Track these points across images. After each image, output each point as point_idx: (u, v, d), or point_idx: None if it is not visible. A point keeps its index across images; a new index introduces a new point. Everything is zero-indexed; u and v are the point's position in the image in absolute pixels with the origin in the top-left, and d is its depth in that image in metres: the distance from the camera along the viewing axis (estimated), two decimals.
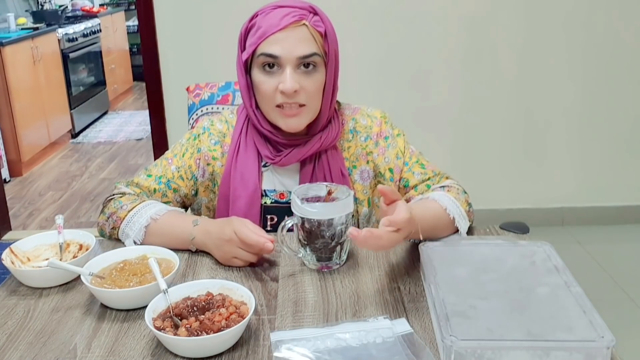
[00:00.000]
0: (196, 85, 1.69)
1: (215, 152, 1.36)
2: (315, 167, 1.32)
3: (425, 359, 0.87)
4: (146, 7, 2.88)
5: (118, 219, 1.24)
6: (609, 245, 2.99)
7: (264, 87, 1.23)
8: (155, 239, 1.21)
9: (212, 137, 1.37)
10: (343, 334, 0.92)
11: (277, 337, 0.93)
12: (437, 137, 3.08)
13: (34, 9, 5.56)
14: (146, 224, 1.22)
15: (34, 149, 4.42)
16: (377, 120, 1.37)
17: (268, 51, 1.20)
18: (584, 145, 3.12)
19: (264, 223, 1.36)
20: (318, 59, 1.22)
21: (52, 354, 0.93)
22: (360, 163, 1.36)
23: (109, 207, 1.28)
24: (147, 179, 1.35)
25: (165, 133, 3.03)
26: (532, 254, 1.07)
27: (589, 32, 2.95)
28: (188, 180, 1.36)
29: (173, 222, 1.23)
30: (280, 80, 1.21)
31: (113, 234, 1.26)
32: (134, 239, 1.22)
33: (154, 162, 1.39)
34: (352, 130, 1.36)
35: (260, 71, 1.23)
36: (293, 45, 1.19)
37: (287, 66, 1.20)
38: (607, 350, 0.81)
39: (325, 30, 1.23)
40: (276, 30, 1.19)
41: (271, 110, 1.26)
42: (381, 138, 1.36)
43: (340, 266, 1.17)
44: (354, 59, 2.94)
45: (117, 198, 1.30)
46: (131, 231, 1.22)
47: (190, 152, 1.37)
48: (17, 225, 3.49)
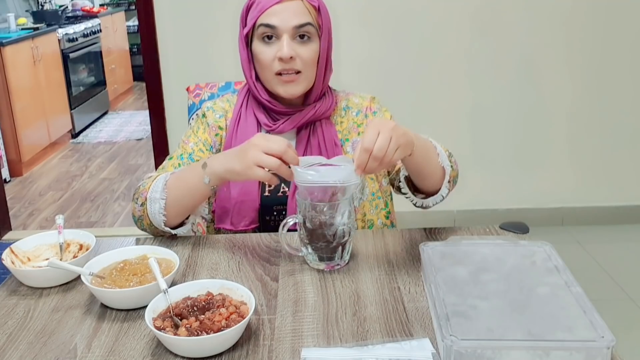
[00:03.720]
0: (196, 85, 1.69)
1: (220, 123, 1.45)
2: (310, 136, 1.40)
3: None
4: (146, 7, 2.88)
5: (144, 191, 1.27)
6: (609, 245, 2.99)
7: (264, 57, 1.33)
8: (175, 190, 1.23)
9: (216, 112, 1.46)
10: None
11: (309, 354, 0.91)
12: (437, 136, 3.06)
13: (34, 9, 5.56)
14: (166, 179, 1.25)
15: (34, 149, 4.42)
16: (367, 100, 1.49)
17: (266, 22, 1.31)
18: (584, 145, 3.12)
19: (262, 189, 1.40)
20: (312, 30, 1.33)
21: (52, 354, 0.93)
22: (352, 135, 1.44)
23: (137, 192, 1.31)
24: (169, 161, 1.42)
25: (165, 133, 3.03)
26: (533, 254, 1.07)
27: (589, 33, 2.95)
28: (207, 151, 1.42)
29: (186, 169, 1.31)
30: (278, 48, 1.31)
31: (144, 212, 1.26)
32: (159, 198, 1.23)
33: (174, 150, 1.46)
34: (345, 108, 1.47)
35: (260, 42, 1.34)
36: (289, 16, 1.31)
37: (284, 35, 1.31)
38: (607, 350, 0.81)
39: (319, 5, 1.35)
40: (274, 3, 1.31)
41: (271, 79, 1.35)
42: (370, 112, 1.47)
43: (342, 266, 1.17)
44: (355, 56, 2.94)
45: (144, 182, 1.32)
46: (156, 193, 1.24)
47: (202, 128, 1.45)
48: (17, 225, 3.49)
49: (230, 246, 1.27)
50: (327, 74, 1.41)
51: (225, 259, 1.21)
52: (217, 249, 1.26)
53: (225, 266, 1.18)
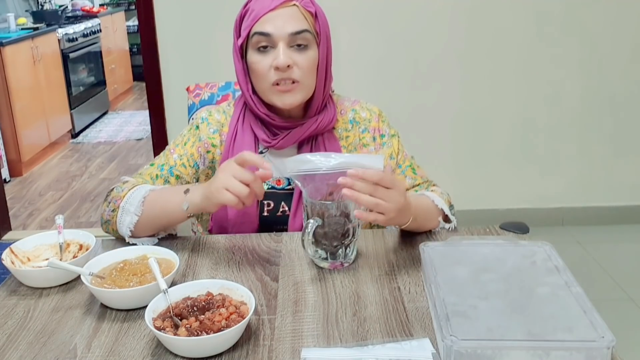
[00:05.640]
0: (196, 85, 1.69)
1: (214, 140, 1.38)
2: (312, 151, 1.33)
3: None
4: (146, 7, 2.88)
5: (118, 199, 1.25)
6: (609, 245, 2.99)
7: (259, 67, 1.27)
8: (151, 210, 1.21)
9: (210, 126, 1.39)
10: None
11: (309, 354, 0.90)
12: (437, 136, 3.08)
13: (34, 9, 5.56)
14: (145, 195, 1.22)
15: (34, 149, 4.42)
16: (375, 116, 1.41)
17: (261, 30, 1.25)
18: (584, 145, 3.12)
19: (260, 209, 1.35)
20: (309, 37, 1.27)
21: (52, 354, 0.93)
22: (357, 152, 1.39)
23: (110, 195, 1.29)
24: (150, 167, 1.38)
25: (165, 133, 3.03)
26: (533, 254, 1.07)
27: (589, 33, 2.95)
28: (190, 167, 1.37)
29: (168, 189, 1.27)
30: (274, 57, 1.25)
31: (112, 218, 1.24)
32: (134, 212, 1.21)
33: (158, 156, 1.42)
34: (351, 121, 1.40)
35: (255, 52, 1.28)
36: (284, 22, 1.25)
37: (280, 43, 1.25)
38: (607, 350, 0.81)
39: (315, 11, 1.29)
40: (268, 10, 1.25)
41: (267, 89, 1.29)
42: (378, 134, 1.40)
43: (347, 265, 1.16)
44: (354, 57, 2.94)
45: (119, 186, 1.30)
46: (131, 206, 1.22)
47: (192, 141, 1.39)
48: (17, 225, 3.48)
49: (230, 246, 1.27)
50: (328, 83, 1.34)
51: (225, 259, 1.21)
52: (217, 249, 1.26)
53: (225, 266, 1.18)
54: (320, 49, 1.29)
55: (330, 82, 1.35)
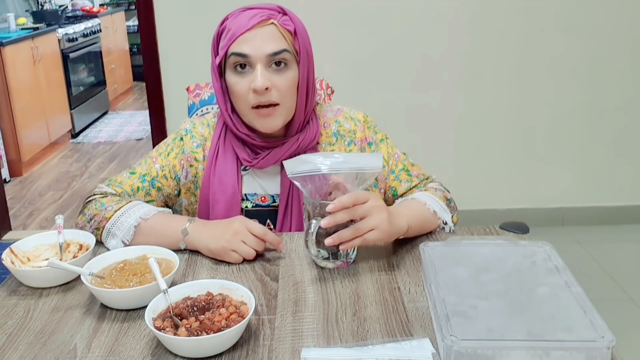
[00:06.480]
0: (196, 85, 1.69)
1: (197, 155, 1.35)
2: None
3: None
4: (146, 7, 2.88)
5: (103, 219, 1.23)
6: (609, 245, 2.99)
7: (237, 88, 1.24)
8: (144, 239, 1.21)
9: (194, 139, 1.36)
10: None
11: (309, 354, 0.90)
12: (437, 136, 3.08)
13: (34, 9, 5.56)
14: (135, 224, 1.22)
15: (34, 149, 4.42)
16: (360, 125, 1.37)
17: (238, 50, 1.22)
18: (584, 145, 3.12)
19: None
20: (289, 56, 1.23)
21: (52, 354, 0.93)
22: None
23: (89, 208, 1.27)
24: (131, 176, 1.35)
25: (165, 133, 3.03)
26: (533, 254, 1.07)
27: (590, 34, 2.95)
28: (172, 179, 1.35)
29: (165, 221, 1.24)
30: (252, 79, 1.22)
31: (96, 235, 1.24)
32: (122, 239, 1.21)
33: (138, 162, 1.39)
34: (335, 134, 1.36)
35: (233, 72, 1.25)
36: (262, 43, 1.21)
37: (258, 64, 1.21)
38: (607, 350, 0.81)
39: (294, 28, 1.24)
40: (245, 30, 1.21)
41: (247, 112, 1.26)
42: (366, 144, 1.37)
43: (349, 264, 1.16)
44: (355, 58, 2.94)
45: (99, 199, 1.28)
46: (119, 231, 1.21)
47: (175, 153, 1.36)
48: (17, 225, 3.48)
49: None
50: (310, 101, 1.30)
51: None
52: None
53: (225, 266, 1.18)
54: (301, 67, 1.25)
55: (313, 99, 1.32)
